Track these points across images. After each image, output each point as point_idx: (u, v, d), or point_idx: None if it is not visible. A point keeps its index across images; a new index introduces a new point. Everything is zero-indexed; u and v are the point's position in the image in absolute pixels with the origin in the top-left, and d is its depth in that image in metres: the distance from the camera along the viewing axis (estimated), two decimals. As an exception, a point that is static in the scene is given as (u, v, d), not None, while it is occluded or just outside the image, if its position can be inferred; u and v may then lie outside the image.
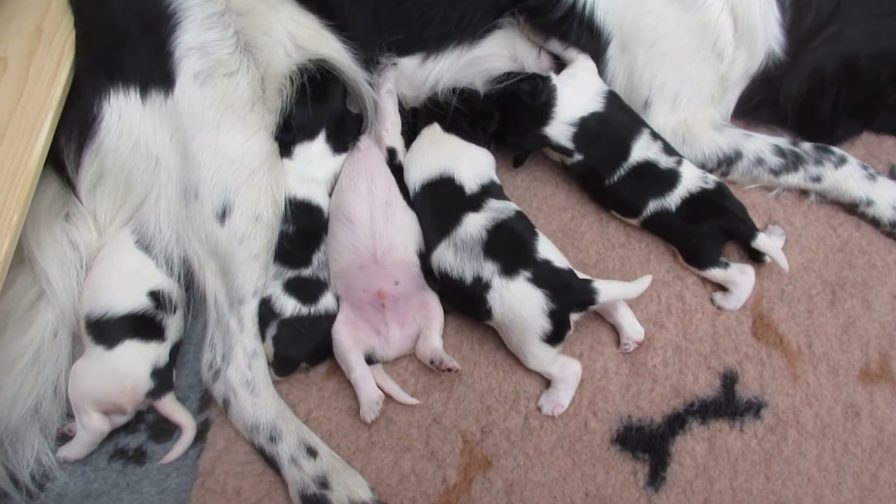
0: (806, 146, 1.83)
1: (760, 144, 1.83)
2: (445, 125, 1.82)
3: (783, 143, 1.84)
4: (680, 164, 1.76)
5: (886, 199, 1.78)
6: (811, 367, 1.64)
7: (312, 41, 1.79)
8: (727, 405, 1.60)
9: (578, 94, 1.81)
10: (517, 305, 1.55)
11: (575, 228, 1.85)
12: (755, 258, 1.75)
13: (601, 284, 1.57)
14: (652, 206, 1.75)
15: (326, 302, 1.67)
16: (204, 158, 1.64)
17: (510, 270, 1.57)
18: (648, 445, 1.57)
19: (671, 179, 1.74)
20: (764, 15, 1.75)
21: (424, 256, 1.71)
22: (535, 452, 1.57)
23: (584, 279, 1.58)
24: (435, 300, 1.68)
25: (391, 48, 1.84)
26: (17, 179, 1.54)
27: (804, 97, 1.85)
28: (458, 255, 1.62)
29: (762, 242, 1.69)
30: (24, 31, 1.72)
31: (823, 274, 1.75)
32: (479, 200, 1.68)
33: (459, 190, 1.71)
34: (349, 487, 1.51)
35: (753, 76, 1.84)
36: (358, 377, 1.59)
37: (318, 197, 1.77)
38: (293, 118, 1.77)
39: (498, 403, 1.63)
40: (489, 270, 1.58)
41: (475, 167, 1.76)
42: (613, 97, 1.82)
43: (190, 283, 1.70)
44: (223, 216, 1.64)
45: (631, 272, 1.78)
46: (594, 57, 1.85)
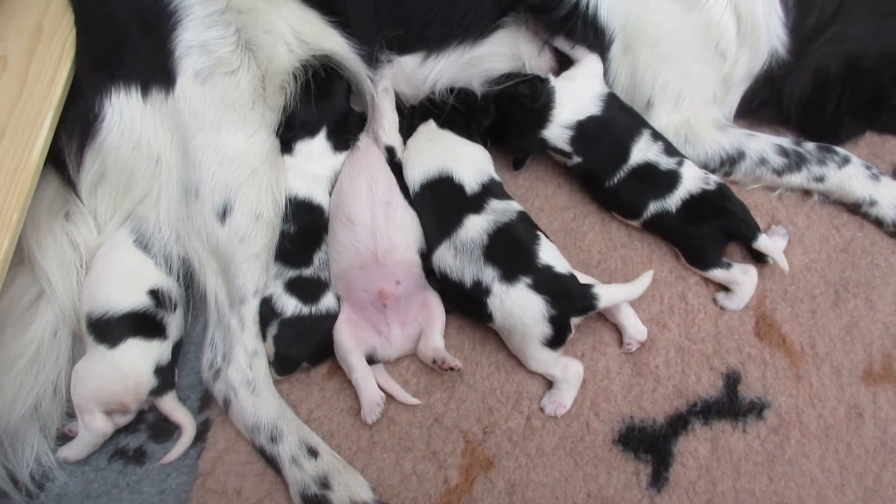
0: (809, 146, 1.83)
1: (763, 144, 1.83)
2: (441, 122, 1.82)
3: (786, 142, 1.83)
4: (681, 165, 1.75)
5: (890, 199, 1.78)
6: (814, 367, 1.64)
7: (315, 37, 1.78)
8: (730, 406, 1.60)
9: (576, 97, 1.80)
10: (517, 311, 1.55)
11: (577, 228, 1.84)
12: (758, 258, 1.74)
13: (601, 290, 1.56)
14: (652, 207, 1.75)
15: (327, 302, 1.66)
16: (204, 157, 1.63)
17: (510, 276, 1.56)
18: (651, 446, 1.57)
19: (671, 181, 1.73)
20: (767, 14, 1.75)
21: (426, 256, 1.70)
22: (537, 453, 1.57)
23: (584, 284, 1.57)
24: (436, 300, 1.68)
25: (392, 46, 1.84)
26: (16, 178, 1.54)
27: (807, 97, 1.84)
28: (457, 257, 1.62)
29: (763, 243, 1.68)
30: (24, 29, 1.72)
31: (826, 274, 1.75)
32: (480, 201, 1.68)
33: (459, 189, 1.70)
34: (350, 488, 1.51)
35: (756, 76, 1.84)
36: (359, 378, 1.58)
37: (318, 196, 1.76)
38: (296, 115, 1.77)
39: (500, 404, 1.62)
40: (489, 276, 1.57)
41: (473, 165, 1.75)
42: (613, 100, 1.82)
43: (190, 282, 1.70)
44: (224, 215, 1.63)
45: (633, 272, 1.77)
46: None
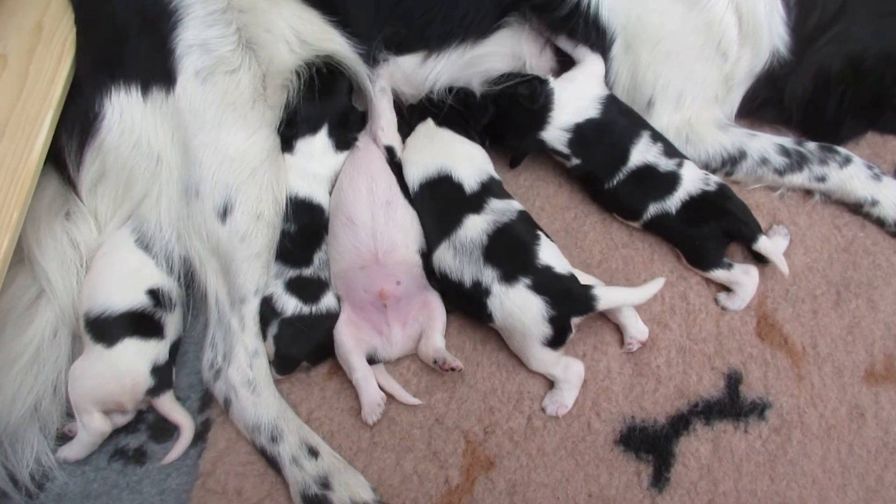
0: (810, 146, 1.82)
1: (765, 144, 1.82)
2: (439, 120, 1.82)
3: (788, 142, 1.83)
4: (681, 166, 1.74)
5: (891, 198, 1.77)
6: (816, 367, 1.63)
7: (317, 37, 1.78)
8: (731, 406, 1.60)
9: (575, 99, 1.80)
10: (517, 312, 1.54)
11: (578, 228, 1.84)
12: (759, 258, 1.73)
13: (601, 292, 1.55)
14: (652, 209, 1.75)
15: (328, 301, 1.66)
16: (205, 156, 1.63)
17: (510, 277, 1.56)
18: (652, 446, 1.56)
19: (671, 182, 1.73)
20: (769, 14, 1.75)
21: (426, 255, 1.70)
22: (538, 453, 1.56)
23: (584, 286, 1.57)
24: (437, 300, 1.67)
25: (392, 46, 1.84)
26: (16, 177, 1.54)
27: (809, 96, 1.84)
28: (457, 257, 1.62)
29: (763, 246, 1.68)
30: (24, 28, 1.72)
31: (828, 274, 1.75)
32: (479, 201, 1.67)
33: (458, 189, 1.70)
34: (351, 488, 1.50)
35: (758, 75, 1.83)
36: (360, 378, 1.58)
37: (318, 195, 1.76)
38: (298, 112, 1.76)
39: (501, 404, 1.62)
40: (489, 276, 1.57)
41: (472, 164, 1.75)
42: (612, 102, 1.81)
43: (190, 281, 1.70)
44: (224, 214, 1.63)
45: (634, 272, 1.77)
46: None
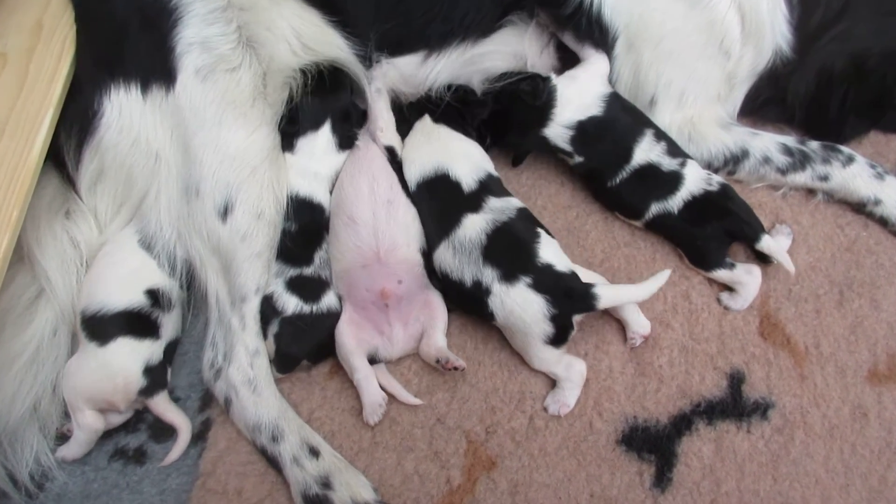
0: (813, 145, 1.82)
1: (767, 143, 1.82)
2: (435, 116, 1.81)
3: (790, 141, 1.82)
4: (684, 165, 1.74)
5: (894, 198, 1.76)
6: (819, 367, 1.63)
7: (317, 40, 1.78)
8: (734, 406, 1.59)
9: (578, 96, 1.79)
10: (518, 311, 1.54)
11: (580, 227, 1.83)
12: (762, 258, 1.73)
13: (602, 290, 1.54)
14: (654, 208, 1.74)
15: (328, 300, 1.65)
16: (205, 155, 1.63)
17: (510, 276, 1.55)
18: (654, 446, 1.56)
19: (674, 182, 1.72)
20: (772, 12, 1.74)
21: (427, 254, 1.69)
22: (539, 453, 1.56)
23: (585, 284, 1.56)
24: (438, 299, 1.67)
25: (392, 45, 1.83)
26: (16, 176, 1.54)
27: (812, 95, 1.83)
28: (457, 256, 1.61)
29: (766, 245, 1.67)
30: (24, 26, 1.72)
31: (831, 273, 1.74)
32: (478, 199, 1.67)
33: (456, 187, 1.69)
34: (352, 488, 1.50)
35: (760, 74, 1.83)
36: (361, 378, 1.57)
37: (319, 194, 1.75)
38: (299, 108, 1.75)
39: (502, 403, 1.61)
40: (489, 276, 1.57)
41: (469, 161, 1.74)
42: (615, 100, 1.80)
43: (191, 280, 1.69)
44: (225, 214, 1.62)
45: (636, 271, 1.76)
46: (601, 55, 1.83)
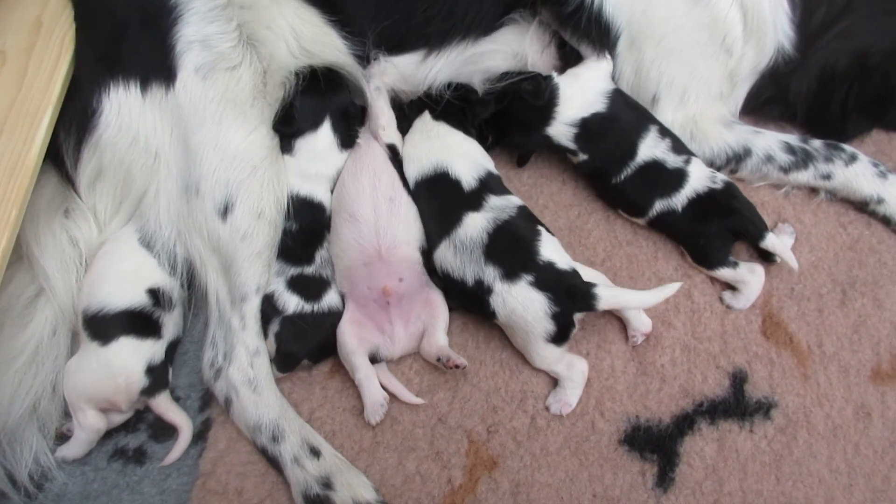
0: (816, 143, 1.81)
1: (770, 141, 1.81)
2: (436, 114, 1.81)
3: (793, 140, 1.82)
4: (688, 163, 1.73)
5: None
6: (821, 366, 1.62)
7: (316, 40, 1.77)
8: (737, 405, 1.59)
9: (581, 94, 1.79)
10: (520, 309, 1.53)
11: (582, 226, 1.83)
12: (765, 257, 1.72)
13: (603, 292, 1.53)
14: (658, 206, 1.73)
15: (329, 299, 1.65)
16: (205, 154, 1.62)
17: (511, 274, 1.55)
18: (657, 446, 1.55)
19: (678, 179, 1.72)
20: (774, 10, 1.74)
21: (426, 253, 1.69)
22: (541, 453, 1.55)
23: (587, 283, 1.55)
24: (439, 297, 1.66)
25: (391, 44, 1.82)
26: (15, 174, 1.53)
27: (814, 94, 1.83)
28: (458, 256, 1.61)
29: (771, 243, 1.67)
30: (23, 24, 1.71)
31: (834, 272, 1.73)
32: (478, 198, 1.66)
33: (456, 186, 1.69)
34: (353, 488, 1.49)
35: (763, 72, 1.82)
36: (362, 378, 1.57)
37: (320, 194, 1.74)
38: (294, 107, 1.74)
39: (504, 403, 1.60)
40: (490, 275, 1.56)
41: (468, 159, 1.74)
42: (619, 96, 1.80)
43: (191, 280, 1.68)
44: (225, 213, 1.62)
45: (638, 270, 1.76)
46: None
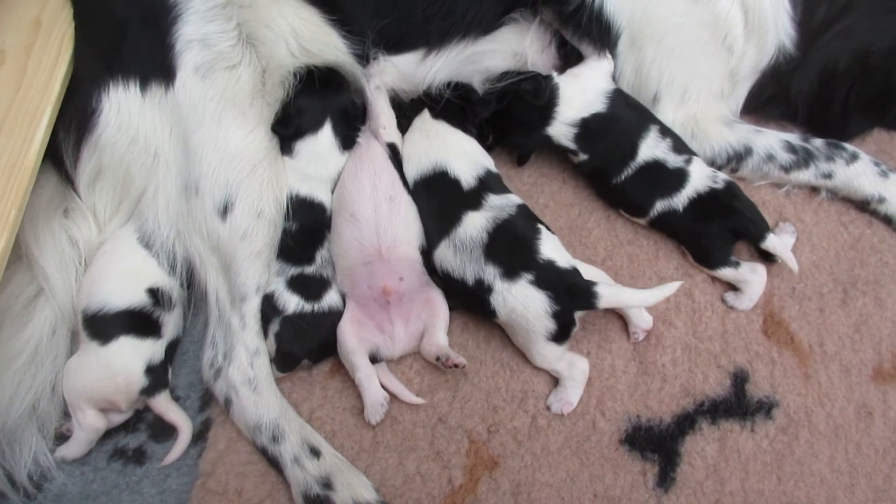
0: (817, 142, 1.81)
1: (771, 140, 1.81)
2: (435, 112, 1.80)
3: (794, 139, 1.81)
4: (689, 163, 1.73)
5: None
6: (823, 366, 1.62)
7: (315, 39, 1.76)
8: (738, 405, 1.58)
9: (581, 94, 1.78)
10: (520, 308, 1.53)
11: (582, 225, 1.83)
12: (766, 257, 1.72)
13: (604, 290, 1.53)
14: (659, 205, 1.73)
15: (330, 299, 1.64)
16: (205, 153, 1.62)
17: (512, 273, 1.55)
18: (658, 446, 1.55)
19: (679, 179, 1.71)
20: (775, 8, 1.73)
21: (426, 253, 1.68)
22: (542, 452, 1.55)
23: (587, 281, 1.55)
24: (439, 297, 1.66)
25: (391, 43, 1.82)
26: (14, 174, 1.53)
27: (815, 93, 1.82)
28: (458, 255, 1.60)
29: (772, 243, 1.66)
30: (22, 23, 1.71)
31: (835, 272, 1.73)
32: (477, 197, 1.66)
33: (455, 185, 1.68)
34: (353, 488, 1.49)
35: (763, 71, 1.82)
36: (363, 377, 1.57)
37: (320, 194, 1.74)
38: (293, 107, 1.73)
39: (505, 402, 1.60)
40: (491, 274, 1.56)
41: (467, 158, 1.73)
42: (619, 96, 1.79)
43: (191, 279, 1.68)
44: (225, 212, 1.61)
45: (639, 269, 1.75)
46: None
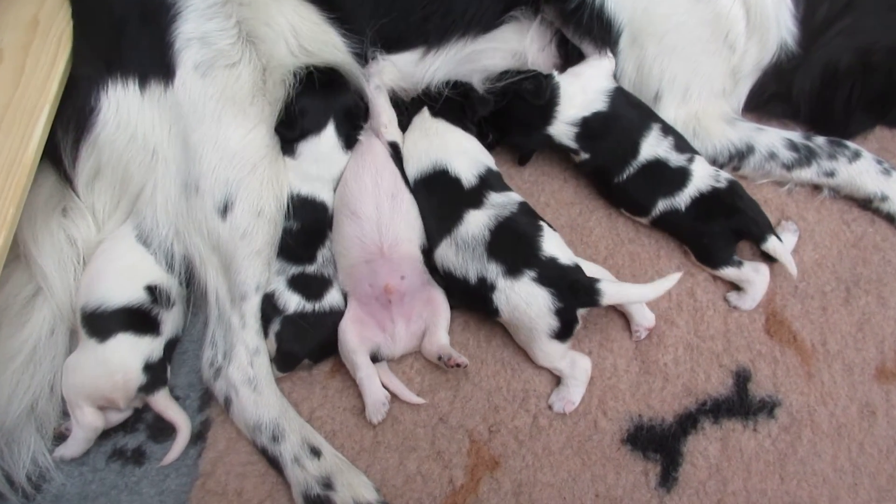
0: (819, 140, 1.80)
1: (773, 138, 1.80)
2: (435, 110, 1.80)
3: (796, 137, 1.81)
4: (692, 161, 1.72)
5: None
6: (825, 365, 1.61)
7: (315, 40, 1.76)
8: (740, 404, 1.58)
9: (581, 93, 1.78)
10: (523, 305, 1.53)
11: (583, 224, 1.82)
12: (769, 256, 1.70)
13: (607, 286, 1.53)
14: (661, 205, 1.72)
15: (331, 299, 1.64)
16: (205, 152, 1.61)
17: (514, 271, 1.54)
18: (660, 445, 1.54)
19: (681, 178, 1.71)
20: (777, 6, 1.73)
21: (427, 252, 1.68)
22: (544, 452, 1.54)
23: (590, 278, 1.55)
24: (441, 296, 1.65)
25: (390, 42, 1.81)
26: (12, 172, 1.52)
27: (817, 91, 1.82)
28: (459, 254, 1.60)
29: (773, 246, 1.65)
30: (20, 22, 1.70)
31: (837, 270, 1.72)
32: (478, 195, 1.65)
33: (456, 183, 1.68)
34: (353, 488, 1.48)
35: (765, 69, 1.81)
36: (363, 377, 1.56)
37: (322, 193, 1.73)
38: (295, 108, 1.72)
39: (506, 402, 1.59)
40: (493, 272, 1.55)
41: (467, 156, 1.73)
42: (620, 95, 1.79)
43: (190, 278, 1.68)
44: (225, 211, 1.61)
45: (640, 268, 1.75)
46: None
